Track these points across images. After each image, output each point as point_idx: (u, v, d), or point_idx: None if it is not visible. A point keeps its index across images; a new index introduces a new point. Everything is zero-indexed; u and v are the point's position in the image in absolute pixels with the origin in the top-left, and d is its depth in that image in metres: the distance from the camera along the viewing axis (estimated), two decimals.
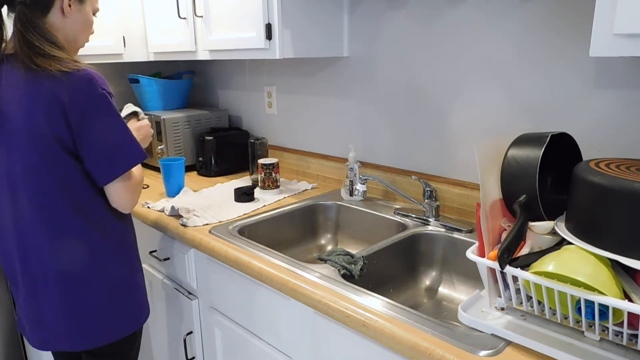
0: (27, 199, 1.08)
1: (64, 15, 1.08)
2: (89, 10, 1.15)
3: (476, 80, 1.34)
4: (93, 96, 1.03)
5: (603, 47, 0.78)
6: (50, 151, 1.04)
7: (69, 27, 1.10)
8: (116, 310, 1.18)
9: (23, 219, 1.10)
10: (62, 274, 1.11)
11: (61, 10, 1.07)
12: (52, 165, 1.05)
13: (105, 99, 1.05)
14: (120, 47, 1.91)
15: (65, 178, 1.07)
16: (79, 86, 1.02)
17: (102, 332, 1.17)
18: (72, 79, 1.01)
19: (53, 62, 1.01)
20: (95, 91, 1.03)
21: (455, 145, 1.43)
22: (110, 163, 1.07)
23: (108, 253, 1.15)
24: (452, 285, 1.31)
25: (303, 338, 1.12)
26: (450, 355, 0.80)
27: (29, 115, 1.02)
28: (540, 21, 1.19)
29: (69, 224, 1.10)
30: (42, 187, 1.06)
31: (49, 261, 1.11)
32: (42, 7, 1.05)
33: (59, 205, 1.08)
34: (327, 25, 1.58)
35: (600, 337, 0.78)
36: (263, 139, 1.81)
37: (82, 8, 1.12)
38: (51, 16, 1.07)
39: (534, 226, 0.90)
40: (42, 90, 1.01)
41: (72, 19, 1.10)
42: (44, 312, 1.14)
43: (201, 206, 1.56)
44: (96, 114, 1.04)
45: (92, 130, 1.04)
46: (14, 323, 1.89)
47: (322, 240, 1.63)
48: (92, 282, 1.14)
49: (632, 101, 1.09)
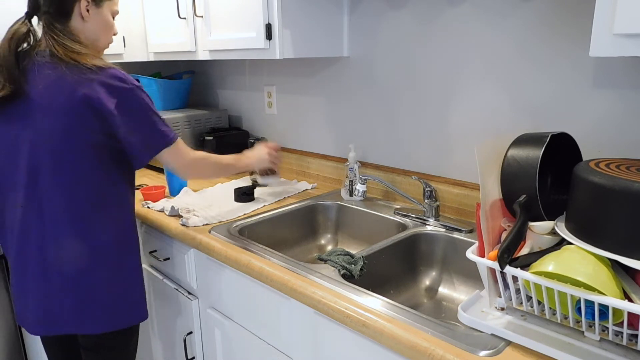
0: (49, 190, 1.13)
1: (84, 20, 1.18)
2: (107, 13, 1.24)
3: (476, 80, 1.34)
4: (128, 87, 1.13)
5: (603, 47, 0.78)
6: (80, 143, 1.12)
7: (89, 30, 1.20)
8: (118, 299, 1.23)
9: (41, 204, 1.15)
10: (75, 257, 1.17)
11: (80, 15, 1.17)
12: (79, 156, 1.13)
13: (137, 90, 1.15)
14: (120, 47, 1.91)
15: (89, 168, 1.14)
16: (113, 80, 1.11)
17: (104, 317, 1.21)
18: (106, 73, 1.11)
19: (86, 58, 1.12)
20: (127, 84, 1.13)
21: (455, 145, 1.43)
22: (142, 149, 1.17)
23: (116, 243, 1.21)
24: (452, 285, 1.31)
25: (303, 338, 1.12)
26: (450, 355, 0.80)
27: (61, 107, 1.09)
28: (540, 21, 1.19)
29: (86, 212, 1.16)
30: (66, 176, 1.13)
31: (64, 245, 1.15)
32: (64, 14, 1.16)
33: (80, 194, 1.15)
34: (327, 25, 1.58)
35: (600, 337, 0.78)
36: (263, 139, 1.81)
37: (100, 11, 1.21)
38: (73, 21, 1.17)
39: (534, 226, 0.90)
40: (76, 84, 1.09)
41: (91, 22, 1.20)
42: (53, 295, 1.18)
43: (201, 206, 1.56)
44: (128, 108, 1.13)
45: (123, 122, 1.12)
46: (14, 322, 1.89)
47: (322, 240, 1.63)
48: (99, 269, 1.19)
49: (632, 101, 1.09)
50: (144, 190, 1.64)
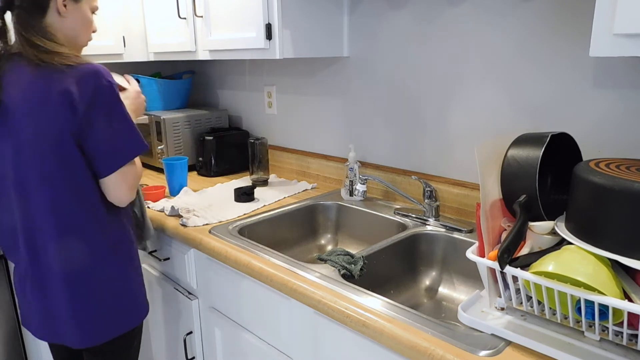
0: (36, 194, 1.09)
1: (61, 16, 1.10)
2: (87, 9, 1.16)
3: (476, 80, 1.34)
4: (100, 87, 1.05)
5: (603, 47, 0.78)
6: (60, 146, 1.05)
7: (67, 27, 1.12)
8: (116, 305, 1.19)
9: (31, 214, 1.11)
10: (67, 267, 1.13)
11: (57, 11, 1.10)
12: (62, 161, 1.07)
13: (111, 90, 1.07)
14: (120, 47, 1.91)
15: (75, 173, 1.08)
16: (85, 78, 1.04)
17: (104, 326, 1.18)
18: (78, 72, 1.04)
19: (57, 57, 1.04)
20: (101, 83, 1.05)
21: (455, 145, 1.43)
22: (114, 152, 1.09)
23: (108, 249, 1.16)
24: (452, 285, 1.31)
25: (303, 338, 1.12)
26: (450, 355, 0.80)
27: (37, 110, 1.04)
28: (540, 21, 1.19)
29: (76, 217, 1.11)
30: (52, 182, 1.08)
31: (56, 256, 1.12)
32: (39, 9, 1.08)
33: (68, 201, 1.09)
34: (327, 25, 1.58)
35: (600, 337, 0.78)
36: (263, 139, 1.81)
37: (79, 7, 1.14)
38: (49, 17, 1.09)
39: (534, 226, 0.90)
40: (49, 84, 1.03)
41: (69, 19, 1.12)
42: (53, 308, 1.15)
43: (201, 206, 1.56)
44: (102, 105, 1.06)
45: (99, 120, 1.06)
46: (14, 322, 1.89)
47: (322, 240, 1.63)
48: (93, 278, 1.15)
49: (632, 101, 1.09)
50: (144, 190, 1.64)
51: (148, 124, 2.01)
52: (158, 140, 1.98)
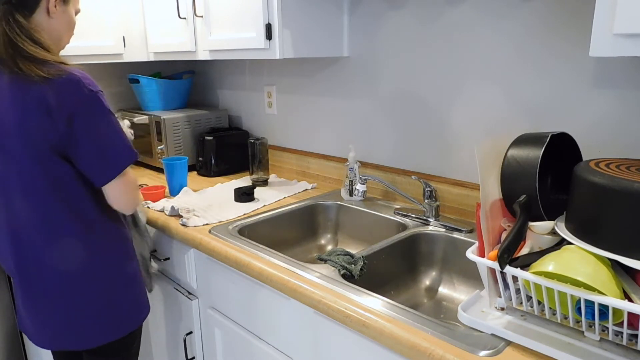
0: (22, 203, 1.07)
1: (49, 16, 1.08)
2: (72, 11, 1.15)
3: (476, 80, 1.34)
4: (81, 98, 1.02)
5: (603, 47, 0.79)
6: (42, 155, 1.04)
7: (53, 28, 1.10)
8: (114, 308, 1.18)
9: (19, 222, 1.10)
10: (58, 275, 1.12)
11: (46, 10, 1.07)
12: (46, 168, 1.05)
13: (93, 99, 1.04)
14: (120, 47, 1.91)
15: (60, 180, 1.07)
16: (64, 90, 1.01)
17: (101, 331, 1.17)
18: (56, 85, 1.00)
19: (36, 67, 1.01)
20: (82, 93, 1.02)
21: (455, 145, 1.43)
22: (107, 162, 1.07)
23: (103, 252, 1.15)
24: (452, 285, 1.31)
25: (303, 338, 1.12)
26: (450, 355, 0.80)
27: (19, 120, 1.02)
28: (540, 21, 1.19)
29: (65, 226, 1.09)
30: (37, 191, 1.06)
31: (45, 263, 1.11)
32: (28, 7, 1.05)
33: (54, 208, 1.08)
34: (327, 25, 1.58)
35: (600, 337, 0.78)
36: (263, 139, 1.81)
37: (67, 9, 1.12)
38: (36, 16, 1.06)
39: (534, 226, 0.90)
40: (28, 96, 1.00)
41: (57, 20, 1.10)
42: (43, 312, 1.14)
43: (201, 206, 1.56)
44: (86, 115, 1.03)
45: (85, 131, 1.03)
46: (14, 323, 1.89)
47: (322, 240, 1.63)
48: (89, 282, 1.14)
49: (632, 101, 1.09)
50: (144, 190, 1.64)
51: (148, 124, 2.01)
52: (158, 140, 1.98)
